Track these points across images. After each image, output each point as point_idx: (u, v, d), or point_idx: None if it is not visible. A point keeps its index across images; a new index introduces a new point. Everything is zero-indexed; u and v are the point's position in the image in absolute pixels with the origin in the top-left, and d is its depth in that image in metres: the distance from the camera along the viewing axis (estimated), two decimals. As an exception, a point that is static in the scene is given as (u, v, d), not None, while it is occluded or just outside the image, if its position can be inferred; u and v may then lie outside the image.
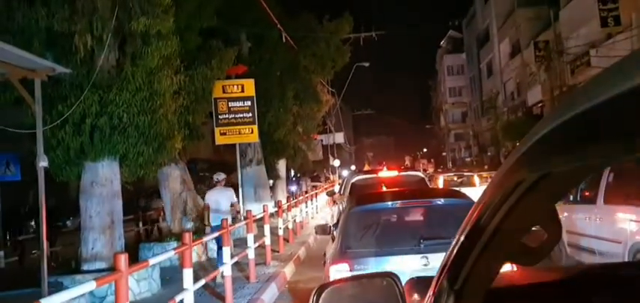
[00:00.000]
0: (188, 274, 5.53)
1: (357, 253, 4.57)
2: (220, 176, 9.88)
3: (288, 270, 9.51)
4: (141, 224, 17.00)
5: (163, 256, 5.03)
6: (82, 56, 8.45)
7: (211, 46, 12.70)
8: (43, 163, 6.88)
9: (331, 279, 4.37)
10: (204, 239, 7.06)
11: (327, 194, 23.44)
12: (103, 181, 8.61)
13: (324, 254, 5.62)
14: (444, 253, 4.69)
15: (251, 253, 8.20)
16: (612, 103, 0.56)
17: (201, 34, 12.68)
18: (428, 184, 11.72)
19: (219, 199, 9.53)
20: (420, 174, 12.07)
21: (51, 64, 7.06)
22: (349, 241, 4.75)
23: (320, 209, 23.29)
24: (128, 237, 15.90)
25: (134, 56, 8.71)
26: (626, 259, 6.27)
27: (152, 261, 4.88)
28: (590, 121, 0.61)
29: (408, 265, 4.23)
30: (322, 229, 6.52)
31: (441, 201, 5.08)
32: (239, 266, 8.65)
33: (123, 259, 3.92)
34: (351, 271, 4.38)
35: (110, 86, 8.36)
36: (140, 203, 17.15)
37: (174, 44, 8.67)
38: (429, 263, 4.25)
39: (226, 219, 7.86)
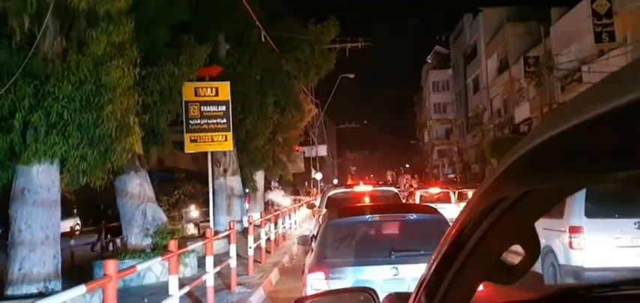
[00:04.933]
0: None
1: (332, 262, 4.78)
2: (276, 184, 22.21)
3: (256, 298, 8.18)
4: (102, 236, 15.38)
5: (72, 291, 3.69)
6: (17, 40, 7.18)
7: (181, 41, 11.43)
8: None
9: (308, 286, 4.66)
10: (140, 267, 5.72)
11: (308, 207, 22.42)
12: (38, 189, 7.28)
13: (304, 264, 5.73)
14: (412, 265, 4.50)
15: (210, 280, 6.87)
16: (594, 123, 0.55)
17: (172, 29, 11.41)
18: (401, 199, 12.26)
19: (275, 195, 22.48)
20: (394, 189, 12.36)
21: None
22: (326, 251, 4.97)
23: (299, 224, 21.98)
24: (85, 250, 14.39)
25: (81, 43, 7.42)
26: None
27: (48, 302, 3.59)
28: (572, 140, 0.60)
29: (379, 275, 4.48)
30: (303, 240, 7.06)
31: (412, 216, 5.31)
32: (193, 297, 7.21)
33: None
34: (326, 279, 4.59)
35: (48, 76, 7.06)
36: (108, 212, 15.51)
37: (127, 29, 7.38)
38: (398, 273, 4.48)
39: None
